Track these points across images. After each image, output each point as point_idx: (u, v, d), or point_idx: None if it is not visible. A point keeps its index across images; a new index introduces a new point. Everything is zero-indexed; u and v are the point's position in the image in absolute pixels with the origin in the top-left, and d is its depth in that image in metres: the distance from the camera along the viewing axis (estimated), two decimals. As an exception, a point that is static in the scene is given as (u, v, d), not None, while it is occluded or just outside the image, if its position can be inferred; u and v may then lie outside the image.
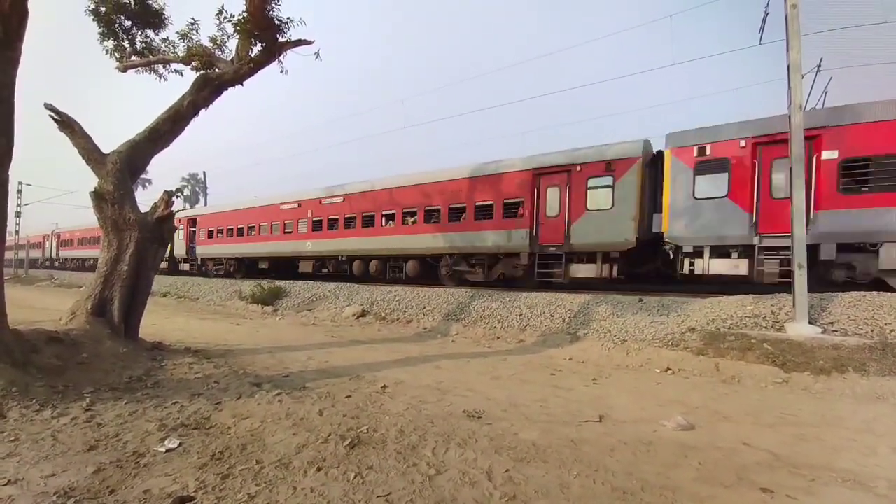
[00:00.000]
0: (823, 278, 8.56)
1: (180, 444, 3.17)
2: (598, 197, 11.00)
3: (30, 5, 4.53)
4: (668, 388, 5.34)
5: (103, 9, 7.49)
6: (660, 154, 10.66)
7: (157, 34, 8.01)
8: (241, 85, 7.31)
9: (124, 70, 8.08)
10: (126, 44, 7.90)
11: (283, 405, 4.10)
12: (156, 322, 8.86)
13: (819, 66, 12.90)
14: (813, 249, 8.17)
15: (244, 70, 7.06)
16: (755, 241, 9.07)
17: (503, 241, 12.33)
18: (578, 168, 11.34)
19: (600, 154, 11.12)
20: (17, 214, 33.52)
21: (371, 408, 4.17)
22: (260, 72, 7.25)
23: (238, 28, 6.97)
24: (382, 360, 6.57)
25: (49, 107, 6.09)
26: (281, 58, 7.38)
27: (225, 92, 7.20)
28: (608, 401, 4.70)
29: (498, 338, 8.51)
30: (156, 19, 7.88)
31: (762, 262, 9.01)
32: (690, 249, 9.80)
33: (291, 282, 15.64)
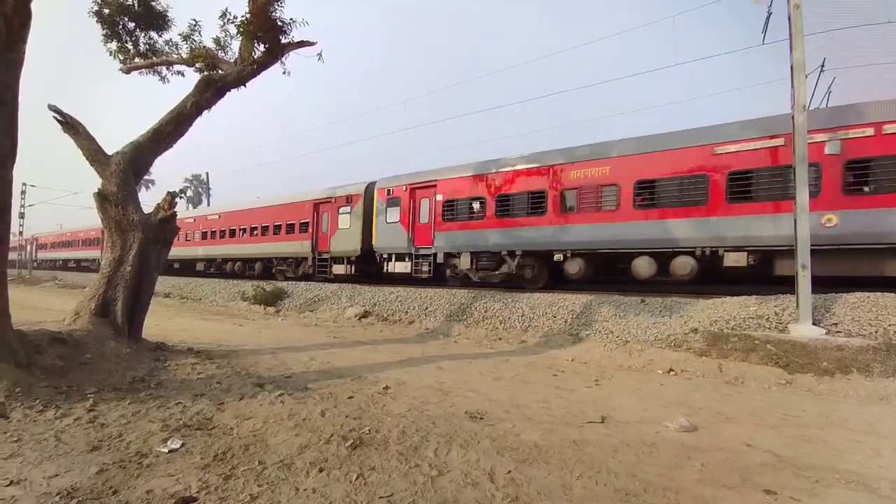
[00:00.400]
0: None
1: (183, 445, 3.17)
2: (344, 220, 16.51)
3: (33, 7, 4.56)
4: (671, 390, 5.32)
5: (106, 11, 7.52)
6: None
7: (160, 36, 8.04)
8: (244, 86, 7.33)
9: (128, 72, 8.12)
10: (129, 45, 7.93)
11: (285, 406, 4.10)
12: (159, 322, 8.89)
13: (822, 66, 12.87)
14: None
15: (247, 71, 7.08)
16: (412, 250, 14.21)
17: (300, 249, 18.05)
18: (334, 200, 16.93)
19: (346, 192, 16.70)
20: (21, 216, 33.69)
21: (373, 408, 4.17)
22: (263, 73, 7.27)
23: (241, 29, 7.00)
24: (384, 360, 6.57)
25: (53, 108, 6.12)
26: (283, 59, 7.40)
27: (228, 93, 7.23)
28: (610, 402, 4.69)
29: (500, 339, 8.51)
30: (159, 21, 7.91)
31: (418, 264, 14.12)
32: (386, 256, 14.99)
33: (293, 283, 15.71)
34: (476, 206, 12.87)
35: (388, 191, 14.99)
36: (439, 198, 13.55)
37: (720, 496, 2.63)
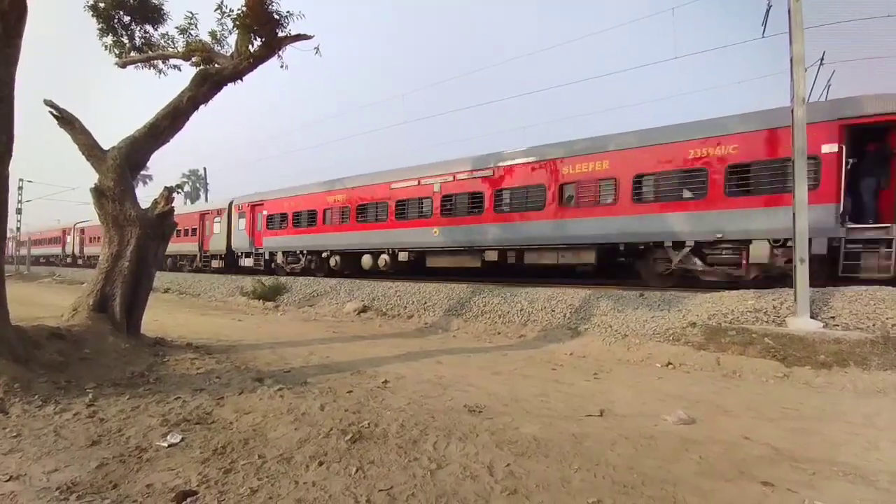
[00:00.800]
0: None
1: (182, 439, 3.18)
2: (216, 227, 22.33)
3: (29, 2, 4.50)
4: (669, 383, 5.34)
5: (102, 4, 7.44)
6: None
7: (156, 29, 7.96)
8: (241, 80, 7.28)
9: (123, 66, 8.04)
10: (125, 39, 7.85)
11: (284, 400, 4.11)
12: (157, 318, 8.88)
13: (822, 59, 12.83)
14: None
15: (243, 65, 7.02)
16: (253, 250, 20.05)
17: (193, 248, 23.95)
18: (213, 212, 22.92)
19: (217, 206, 23.03)
20: (18, 211, 33.57)
21: (372, 402, 4.18)
22: (260, 67, 7.22)
23: (237, 23, 6.93)
24: (383, 355, 6.58)
25: (49, 103, 6.07)
26: (280, 53, 7.34)
27: (225, 87, 7.17)
28: (609, 395, 4.71)
29: (499, 333, 8.52)
30: (155, 14, 7.83)
31: (258, 259, 19.91)
32: (240, 253, 20.84)
33: (293, 277, 15.71)
34: (281, 218, 18.72)
35: (239, 206, 20.82)
36: (265, 213, 19.42)
37: (718, 488, 2.65)
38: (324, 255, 17.11)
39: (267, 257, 19.42)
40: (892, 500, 2.55)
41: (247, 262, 20.24)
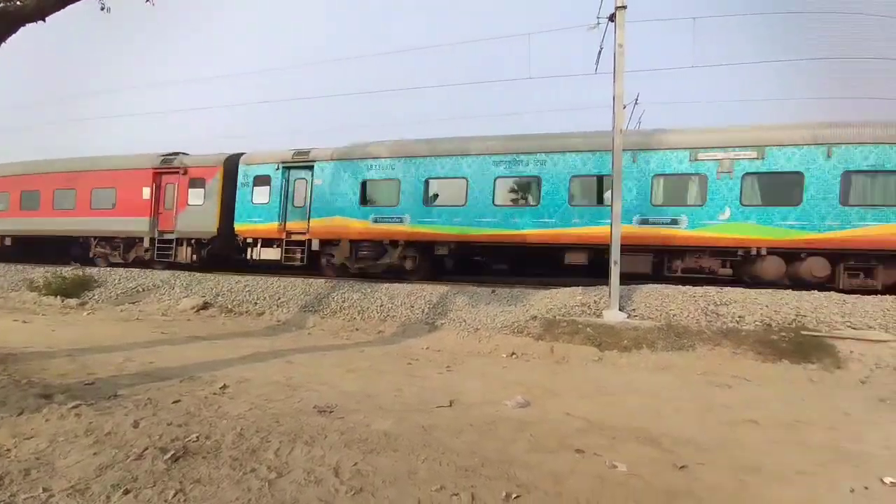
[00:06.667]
0: None
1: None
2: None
3: None
4: (512, 371, 5.90)
5: None
6: None
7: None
8: (44, 20, 5.73)
9: None
10: None
11: (81, 419, 3.34)
12: None
13: (636, 100, 15.75)
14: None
15: (49, 3, 5.54)
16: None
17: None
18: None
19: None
20: None
21: (205, 412, 3.67)
22: (71, 6, 5.76)
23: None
24: (225, 357, 5.87)
25: None
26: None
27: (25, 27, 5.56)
28: (459, 386, 4.97)
29: (357, 329, 8.36)
30: None
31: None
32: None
33: (109, 269, 12.99)
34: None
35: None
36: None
37: (543, 460, 2.99)
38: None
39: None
40: (669, 456, 3.19)
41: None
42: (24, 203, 15.66)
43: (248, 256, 13.02)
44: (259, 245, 12.77)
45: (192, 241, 13.53)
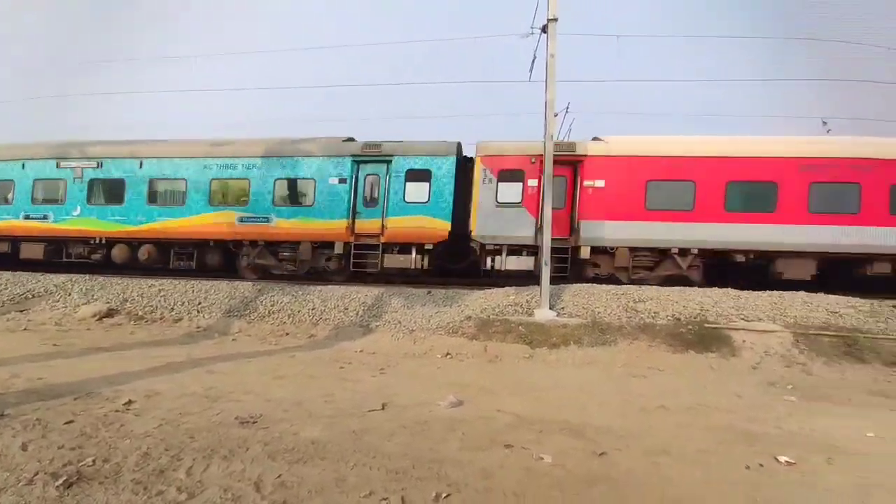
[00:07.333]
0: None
1: None
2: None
3: None
4: (447, 371, 5.93)
5: None
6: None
7: None
8: None
9: None
10: None
11: (-49, 445, 2.85)
12: None
13: (567, 108, 16.63)
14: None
15: None
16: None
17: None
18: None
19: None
20: None
21: (104, 432, 3.29)
22: None
23: None
24: (134, 369, 5.31)
25: None
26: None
27: None
28: (393, 388, 4.90)
29: (287, 334, 7.96)
30: None
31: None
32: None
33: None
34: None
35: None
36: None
37: (474, 458, 3.02)
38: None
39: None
40: (591, 445, 3.36)
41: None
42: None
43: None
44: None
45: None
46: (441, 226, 11.14)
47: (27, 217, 12.76)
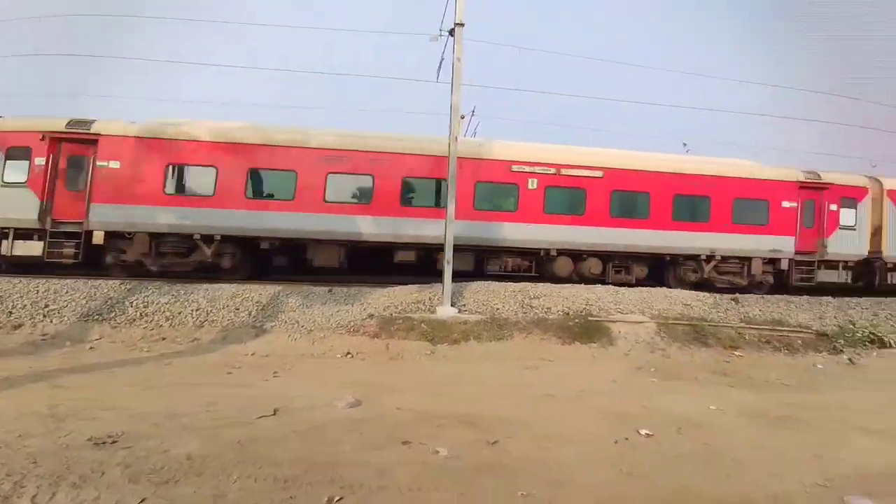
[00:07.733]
0: None
1: None
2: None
3: None
4: (347, 371, 5.76)
5: None
6: None
7: None
8: None
9: None
10: None
11: None
12: None
13: (473, 111, 17.26)
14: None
15: None
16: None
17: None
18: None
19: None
20: None
21: None
22: None
23: None
24: (-53, 388, 4.29)
25: None
26: None
27: None
28: (288, 391, 4.62)
29: (164, 338, 7.05)
30: None
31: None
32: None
33: None
34: None
35: None
36: None
37: (370, 458, 2.97)
38: None
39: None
40: (485, 435, 3.50)
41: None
42: None
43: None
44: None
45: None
46: None
47: None
